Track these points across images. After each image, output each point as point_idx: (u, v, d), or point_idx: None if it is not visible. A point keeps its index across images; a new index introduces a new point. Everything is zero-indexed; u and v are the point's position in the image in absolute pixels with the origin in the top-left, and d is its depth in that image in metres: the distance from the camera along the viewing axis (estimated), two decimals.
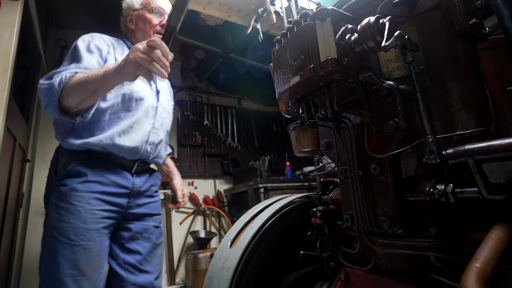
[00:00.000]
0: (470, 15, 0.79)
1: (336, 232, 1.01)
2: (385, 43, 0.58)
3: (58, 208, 1.12)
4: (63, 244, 1.07)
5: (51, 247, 1.08)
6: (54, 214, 1.11)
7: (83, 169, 1.15)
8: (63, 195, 1.13)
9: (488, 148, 0.52)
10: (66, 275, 1.03)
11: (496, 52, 1.16)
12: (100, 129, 1.17)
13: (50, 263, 1.06)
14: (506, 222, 0.53)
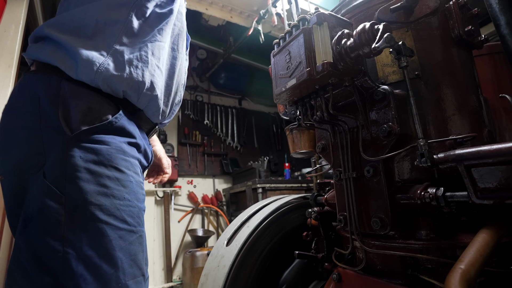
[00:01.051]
0: (466, 22, 0.81)
1: (330, 233, 1.03)
2: (375, 45, 0.60)
3: (100, 177, 0.72)
4: (118, 230, 0.71)
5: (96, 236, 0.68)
6: (92, 186, 0.70)
7: (128, 124, 0.79)
8: (106, 158, 0.73)
9: (477, 154, 0.54)
10: (129, 276, 0.71)
11: (493, 58, 1.18)
12: None
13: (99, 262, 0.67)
14: (492, 226, 0.54)
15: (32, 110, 0.73)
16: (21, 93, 0.78)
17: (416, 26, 0.80)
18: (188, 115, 4.16)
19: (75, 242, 0.65)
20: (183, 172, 3.89)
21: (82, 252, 0.65)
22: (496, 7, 0.92)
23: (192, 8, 2.19)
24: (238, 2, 2.27)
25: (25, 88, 0.77)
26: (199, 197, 3.92)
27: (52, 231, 0.65)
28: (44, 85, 0.74)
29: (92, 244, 0.67)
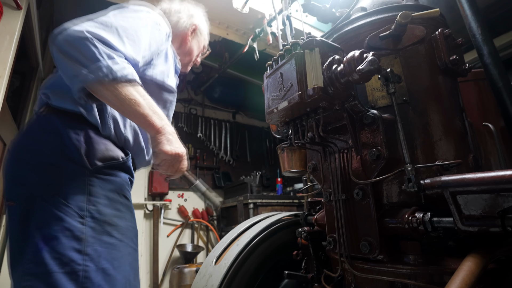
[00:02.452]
0: (451, 51, 0.85)
1: (320, 253, 1.02)
2: (359, 67, 0.62)
3: (115, 203, 0.89)
4: (128, 248, 0.86)
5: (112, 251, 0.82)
6: (110, 210, 0.87)
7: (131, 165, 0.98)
8: (119, 188, 0.91)
9: (461, 181, 0.55)
10: None
11: (478, 84, 1.23)
12: None
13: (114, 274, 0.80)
14: (478, 253, 0.55)
15: (54, 147, 0.88)
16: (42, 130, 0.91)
17: (404, 53, 0.84)
18: (181, 128, 4.15)
19: (94, 256, 0.78)
20: (174, 185, 3.84)
21: (100, 265, 0.78)
22: (479, 38, 0.97)
23: None
24: (234, 20, 2.33)
25: (46, 126, 0.91)
26: (190, 211, 3.85)
27: (74, 247, 0.78)
28: (69, 128, 0.90)
29: (108, 257, 0.81)
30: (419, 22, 0.86)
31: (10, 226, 0.88)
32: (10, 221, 0.89)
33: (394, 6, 0.89)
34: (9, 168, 0.92)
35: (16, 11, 1.40)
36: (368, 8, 1.00)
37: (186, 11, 1.32)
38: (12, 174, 0.91)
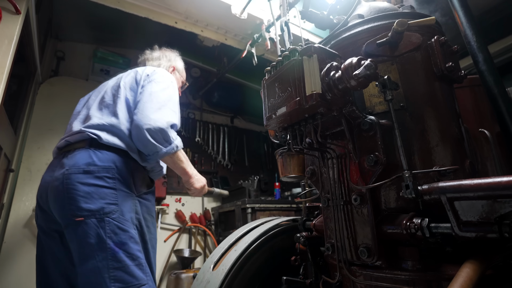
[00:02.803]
0: (447, 58, 0.86)
1: (319, 258, 1.02)
2: (356, 72, 0.62)
3: (147, 221, 1.37)
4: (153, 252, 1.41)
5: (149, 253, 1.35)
6: (145, 227, 1.34)
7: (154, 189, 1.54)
8: (149, 210, 1.39)
9: (458, 187, 0.55)
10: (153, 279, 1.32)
11: (473, 90, 1.24)
12: None
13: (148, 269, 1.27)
14: (475, 260, 0.55)
15: (111, 175, 1.25)
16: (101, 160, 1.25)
17: (401, 60, 0.85)
18: (179, 132, 4.14)
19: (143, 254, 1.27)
20: (172, 190, 3.82)
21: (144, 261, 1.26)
22: (474, 45, 0.98)
23: (188, 29, 2.24)
24: (232, 26, 2.34)
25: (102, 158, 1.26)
26: (187, 215, 3.82)
27: (137, 248, 1.24)
28: (122, 161, 1.29)
29: (148, 256, 1.33)
30: (415, 30, 0.87)
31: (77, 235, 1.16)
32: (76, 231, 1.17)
33: (391, 14, 0.91)
34: (72, 190, 1.18)
35: (15, 15, 1.40)
36: (365, 16, 1.01)
37: (164, 57, 1.83)
38: (78, 194, 1.18)
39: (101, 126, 1.29)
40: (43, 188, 1.30)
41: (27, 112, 2.54)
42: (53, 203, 1.25)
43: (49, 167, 1.37)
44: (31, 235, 2.35)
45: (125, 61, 3.34)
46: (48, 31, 2.86)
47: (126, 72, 1.58)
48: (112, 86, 1.48)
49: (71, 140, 1.31)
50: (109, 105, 1.39)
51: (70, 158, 1.26)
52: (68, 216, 1.18)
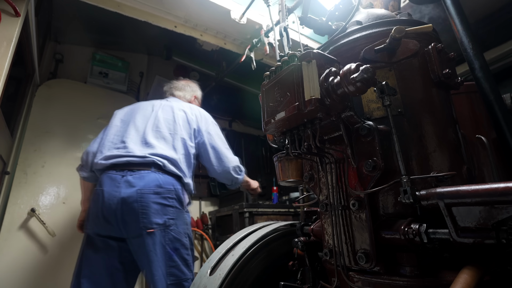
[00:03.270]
0: (444, 65, 0.87)
1: (316, 264, 1.01)
2: (353, 75, 0.63)
3: (188, 228, 1.72)
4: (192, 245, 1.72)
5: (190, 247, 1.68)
6: (188, 240, 1.68)
7: None
8: (189, 223, 1.75)
9: (456, 193, 0.56)
10: None
11: (470, 97, 1.25)
12: None
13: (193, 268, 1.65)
14: (473, 266, 0.55)
15: (172, 196, 1.61)
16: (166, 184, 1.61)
17: (399, 66, 0.86)
18: None
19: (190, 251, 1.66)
20: None
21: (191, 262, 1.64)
22: (471, 52, 1.00)
23: (187, 33, 2.25)
24: (232, 30, 2.36)
25: (166, 181, 1.61)
26: None
27: (187, 249, 1.64)
28: (179, 183, 1.69)
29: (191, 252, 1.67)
30: (412, 37, 0.88)
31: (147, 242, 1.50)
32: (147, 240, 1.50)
33: (389, 21, 0.92)
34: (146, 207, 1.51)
35: (15, 18, 1.40)
36: (363, 22, 1.02)
37: (188, 87, 2.31)
38: (150, 211, 1.51)
39: (164, 156, 1.63)
40: (110, 201, 1.52)
41: (24, 114, 2.52)
42: (126, 217, 1.51)
43: (109, 180, 1.57)
44: (25, 239, 2.32)
45: (124, 64, 3.35)
46: (47, 33, 2.86)
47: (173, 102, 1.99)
48: (165, 119, 1.82)
49: (134, 161, 1.59)
50: (168, 139, 1.75)
51: (138, 178, 1.55)
52: (141, 227, 1.49)
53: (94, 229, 1.60)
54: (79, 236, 2.58)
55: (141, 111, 1.86)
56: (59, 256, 2.41)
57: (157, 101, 1.99)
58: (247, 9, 2.09)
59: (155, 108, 1.88)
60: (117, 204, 1.50)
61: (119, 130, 1.78)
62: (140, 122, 1.78)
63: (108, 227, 1.56)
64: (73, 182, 2.64)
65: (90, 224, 1.62)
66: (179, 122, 1.81)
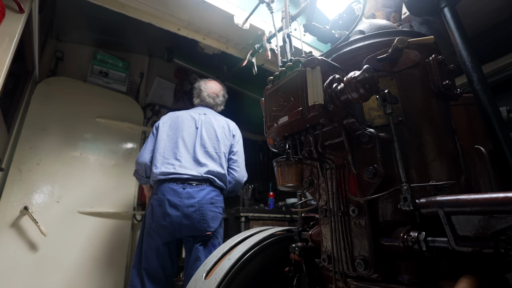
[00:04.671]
0: (444, 76, 0.88)
1: (313, 270, 1.01)
2: (354, 75, 0.64)
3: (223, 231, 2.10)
4: None
5: None
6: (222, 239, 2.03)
7: None
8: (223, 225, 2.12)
9: (456, 202, 0.56)
10: None
11: (467, 108, 1.27)
12: None
13: None
14: (472, 275, 0.55)
15: (220, 205, 2.02)
16: (216, 196, 2.00)
17: (400, 76, 0.87)
18: None
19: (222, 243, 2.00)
20: None
21: None
22: (469, 65, 1.02)
23: (190, 36, 2.27)
24: (234, 35, 2.38)
25: (217, 194, 2.02)
26: None
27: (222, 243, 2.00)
28: (222, 196, 2.09)
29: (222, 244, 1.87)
30: (414, 48, 0.90)
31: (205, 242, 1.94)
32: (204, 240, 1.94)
33: (391, 31, 0.94)
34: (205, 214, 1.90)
35: (18, 14, 1.40)
36: (366, 32, 1.04)
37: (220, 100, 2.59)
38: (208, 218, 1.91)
39: (215, 173, 2.01)
40: (175, 209, 1.88)
41: (22, 111, 2.50)
42: (189, 222, 1.87)
43: (172, 191, 1.91)
44: (16, 237, 2.28)
45: (124, 64, 3.35)
46: (49, 31, 2.86)
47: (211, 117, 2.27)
48: (210, 138, 2.13)
49: (194, 177, 1.95)
50: (215, 158, 2.08)
51: (198, 191, 1.93)
52: (202, 230, 1.88)
53: (157, 230, 1.93)
54: (71, 236, 2.55)
55: (187, 128, 2.15)
56: (49, 256, 2.37)
57: (197, 114, 2.25)
58: (251, 14, 2.12)
59: (198, 125, 2.18)
60: (182, 211, 1.87)
61: (168, 145, 2.08)
62: (188, 140, 2.10)
63: (170, 229, 1.90)
64: (68, 181, 2.62)
65: (154, 225, 1.94)
66: (221, 140, 2.17)
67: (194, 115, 2.23)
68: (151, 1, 2.00)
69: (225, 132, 2.25)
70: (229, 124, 2.33)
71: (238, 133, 2.38)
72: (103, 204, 2.76)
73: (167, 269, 1.99)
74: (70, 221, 2.54)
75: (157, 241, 1.95)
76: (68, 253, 2.47)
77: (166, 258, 1.99)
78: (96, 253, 2.60)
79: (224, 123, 2.31)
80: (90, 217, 2.65)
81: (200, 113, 2.27)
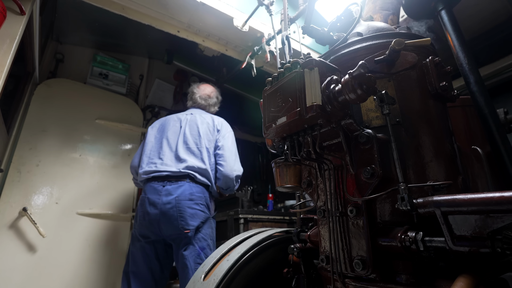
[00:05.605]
0: (441, 78, 0.89)
1: (312, 271, 1.01)
2: (351, 71, 0.65)
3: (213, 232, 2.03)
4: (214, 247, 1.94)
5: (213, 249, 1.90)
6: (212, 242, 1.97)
7: None
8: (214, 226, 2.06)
9: (452, 201, 0.57)
10: None
11: (465, 110, 1.28)
12: None
13: None
14: (469, 275, 0.56)
15: (202, 202, 1.94)
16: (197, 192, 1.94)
17: (398, 77, 0.88)
18: None
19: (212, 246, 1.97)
20: None
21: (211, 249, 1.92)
22: (466, 67, 1.03)
23: (190, 38, 2.28)
24: (233, 37, 2.39)
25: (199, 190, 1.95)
26: None
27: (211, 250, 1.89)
28: (206, 192, 2.00)
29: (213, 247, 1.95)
30: (411, 49, 0.91)
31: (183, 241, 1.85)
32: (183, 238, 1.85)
33: (389, 33, 0.95)
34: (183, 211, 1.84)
35: (19, 16, 1.41)
36: (363, 34, 1.05)
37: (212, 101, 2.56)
38: (187, 215, 1.84)
39: (196, 168, 1.96)
40: (154, 207, 1.86)
41: (22, 112, 2.51)
42: (166, 219, 1.83)
43: (152, 189, 1.91)
44: (15, 238, 2.27)
45: (124, 66, 3.36)
46: (50, 33, 2.87)
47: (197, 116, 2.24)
48: (192, 134, 2.12)
49: (172, 174, 1.93)
50: (196, 153, 2.05)
51: (176, 188, 1.89)
52: (179, 228, 1.82)
53: (140, 230, 1.94)
54: (70, 238, 2.55)
55: (171, 128, 2.17)
56: (48, 257, 2.36)
57: (184, 115, 2.27)
58: (250, 17, 2.13)
59: (183, 124, 2.18)
60: (160, 209, 1.84)
61: (154, 147, 2.12)
62: (172, 139, 2.11)
63: (151, 228, 1.89)
64: (67, 182, 2.61)
65: (137, 225, 1.95)
66: (203, 135, 2.13)
67: (181, 116, 2.26)
68: (151, 3, 2.02)
69: (209, 127, 2.19)
70: (214, 120, 2.27)
71: (224, 128, 2.28)
72: (102, 205, 2.75)
73: (155, 271, 1.95)
74: (69, 223, 2.53)
75: (141, 241, 1.94)
76: (67, 255, 2.46)
77: (152, 258, 1.94)
78: (94, 254, 2.59)
79: (209, 119, 2.25)
80: (89, 218, 2.64)
81: (187, 113, 2.28)
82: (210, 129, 2.18)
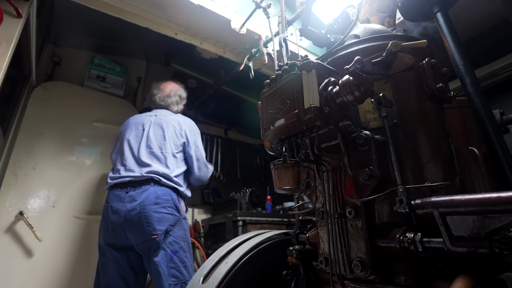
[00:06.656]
0: (437, 79, 0.90)
1: (311, 273, 1.01)
2: (347, 66, 0.65)
3: (186, 233, 1.95)
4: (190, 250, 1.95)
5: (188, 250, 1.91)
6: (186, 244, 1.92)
7: None
8: (187, 228, 1.99)
9: (450, 202, 0.57)
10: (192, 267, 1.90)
11: (461, 111, 1.29)
12: None
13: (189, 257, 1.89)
14: (467, 275, 0.56)
15: (170, 205, 1.85)
16: (163, 195, 1.85)
17: (395, 79, 0.88)
18: None
19: (189, 258, 1.88)
20: None
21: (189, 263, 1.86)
22: (462, 68, 1.04)
23: (187, 41, 2.28)
24: (231, 39, 2.40)
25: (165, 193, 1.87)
26: None
27: (186, 252, 1.87)
28: (175, 194, 1.93)
29: (189, 255, 1.89)
30: (408, 51, 0.91)
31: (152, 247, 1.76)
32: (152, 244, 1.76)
33: (385, 35, 0.95)
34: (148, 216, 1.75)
35: (16, 19, 1.41)
36: (360, 36, 1.06)
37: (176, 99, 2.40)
38: (153, 219, 1.75)
39: (160, 173, 1.89)
40: (117, 215, 1.79)
41: (18, 115, 2.49)
42: (132, 227, 1.76)
43: (115, 197, 1.85)
44: (12, 242, 2.25)
45: (122, 69, 3.35)
46: (47, 36, 2.86)
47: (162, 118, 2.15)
48: (156, 138, 2.04)
49: (135, 179, 1.86)
50: (160, 158, 1.98)
51: (140, 193, 1.81)
52: (146, 234, 1.73)
53: (105, 239, 1.86)
54: (66, 242, 2.53)
55: (134, 132, 2.10)
56: (45, 261, 2.34)
57: (147, 116, 2.19)
58: (247, 19, 2.14)
59: (146, 127, 2.09)
60: (124, 216, 1.77)
61: (118, 152, 2.07)
62: (134, 142, 2.05)
63: (117, 237, 1.82)
64: (64, 186, 2.60)
65: (102, 235, 1.88)
66: (169, 140, 2.06)
67: (143, 117, 2.18)
68: (148, 6, 2.02)
69: (175, 131, 2.11)
70: (180, 123, 2.17)
71: (191, 131, 2.19)
72: (100, 209, 2.73)
73: (129, 280, 1.85)
74: (66, 226, 2.51)
75: (110, 250, 1.84)
76: (64, 259, 2.43)
77: (125, 267, 1.85)
78: (92, 258, 2.57)
79: (175, 123, 2.15)
80: (86, 222, 2.62)
81: (151, 114, 2.20)
82: (176, 133, 2.10)
